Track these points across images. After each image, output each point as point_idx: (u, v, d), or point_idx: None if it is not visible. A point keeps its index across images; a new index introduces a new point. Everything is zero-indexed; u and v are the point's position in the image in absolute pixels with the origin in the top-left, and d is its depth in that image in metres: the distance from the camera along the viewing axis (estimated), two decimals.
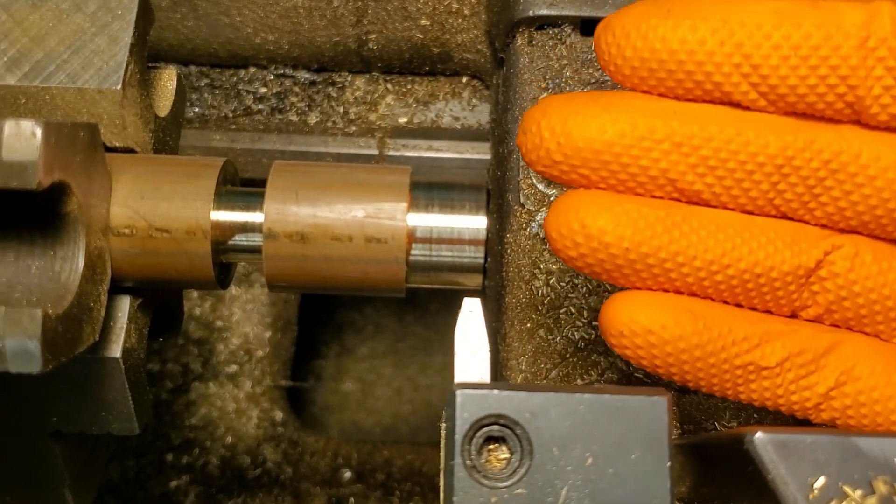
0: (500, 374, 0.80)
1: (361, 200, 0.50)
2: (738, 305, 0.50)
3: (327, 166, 0.53)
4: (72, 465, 0.57)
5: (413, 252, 0.51)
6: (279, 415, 1.00)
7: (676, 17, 0.45)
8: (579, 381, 0.72)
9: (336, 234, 0.50)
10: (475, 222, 0.51)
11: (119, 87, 0.51)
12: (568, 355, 0.74)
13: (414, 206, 0.51)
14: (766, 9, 0.45)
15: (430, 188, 0.52)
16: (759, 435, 0.43)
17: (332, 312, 1.34)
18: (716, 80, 0.46)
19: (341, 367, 1.35)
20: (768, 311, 0.51)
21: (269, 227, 0.50)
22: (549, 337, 0.75)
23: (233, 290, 1.02)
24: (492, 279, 0.89)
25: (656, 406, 0.44)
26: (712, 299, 0.50)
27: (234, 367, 1.00)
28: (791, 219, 0.50)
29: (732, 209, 0.49)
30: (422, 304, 1.38)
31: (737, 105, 0.47)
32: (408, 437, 1.28)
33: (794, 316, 0.51)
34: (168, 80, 0.59)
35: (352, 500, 0.96)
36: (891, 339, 0.51)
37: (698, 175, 0.48)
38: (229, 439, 0.98)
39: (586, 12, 0.80)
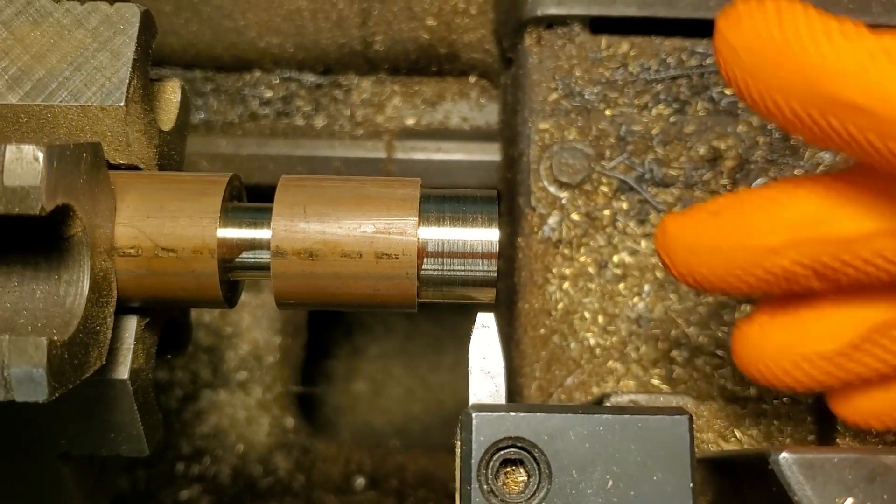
0: (513, 381, 0.79)
1: (371, 215, 0.49)
2: None
3: (336, 180, 0.52)
4: (82, 486, 0.56)
5: (425, 267, 0.50)
6: (290, 421, 1.00)
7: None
8: (595, 389, 0.71)
9: (346, 250, 0.49)
10: (487, 235, 0.50)
11: (122, 103, 0.50)
12: (583, 362, 0.73)
13: (425, 220, 0.50)
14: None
15: (441, 201, 0.51)
16: (784, 455, 0.42)
17: (342, 313, 1.33)
18: None
19: (352, 367, 1.35)
20: None
21: (276, 245, 0.48)
22: (564, 343, 0.74)
23: (242, 296, 1.00)
24: (504, 284, 0.87)
25: (678, 426, 0.43)
26: None
27: (244, 374, 0.99)
28: None
29: None
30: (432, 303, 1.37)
31: None
32: (420, 437, 1.28)
33: None
34: (172, 92, 0.57)
35: None
36: None
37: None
38: (240, 447, 0.97)
39: (595, 11, 0.79)
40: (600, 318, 0.74)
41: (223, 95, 0.93)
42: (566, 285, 0.75)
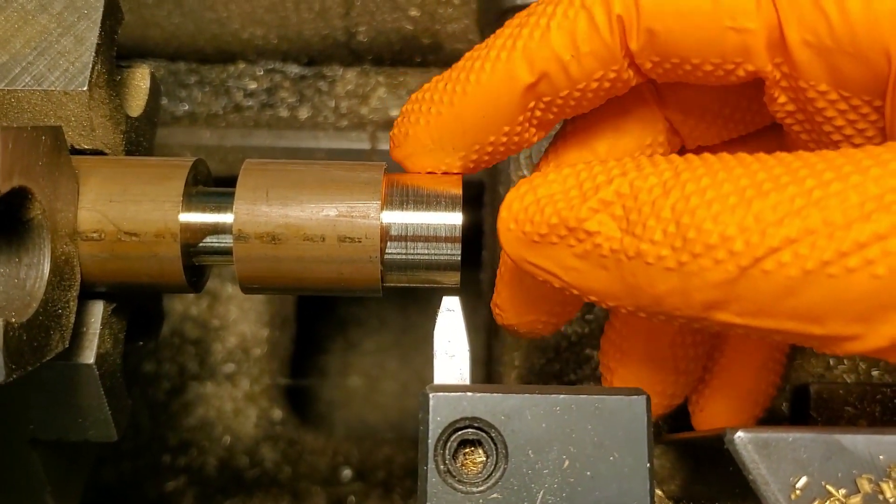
0: (493, 369, 0.79)
1: (334, 199, 0.49)
2: None
3: (301, 164, 0.51)
4: (52, 471, 0.56)
5: (388, 251, 0.50)
6: (278, 413, 1.00)
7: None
8: (572, 377, 0.71)
9: (308, 234, 0.49)
10: (451, 218, 0.50)
11: (85, 88, 0.50)
12: (561, 350, 0.73)
13: (388, 203, 0.50)
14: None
15: (405, 184, 0.51)
16: (739, 434, 0.42)
17: (335, 307, 1.33)
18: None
19: (346, 362, 1.34)
20: None
21: (239, 229, 0.48)
22: None
23: (229, 288, 1.01)
24: (487, 272, 0.87)
25: (635, 406, 0.42)
26: None
27: (231, 367, 0.99)
28: None
29: None
30: (425, 296, 1.37)
31: None
32: (414, 432, 1.27)
33: None
34: (141, 79, 0.58)
35: (352, 498, 0.96)
36: None
37: None
38: (227, 439, 0.97)
39: None
40: None
41: (207, 87, 0.93)
42: None
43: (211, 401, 0.98)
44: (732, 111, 0.52)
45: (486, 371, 0.82)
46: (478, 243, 0.89)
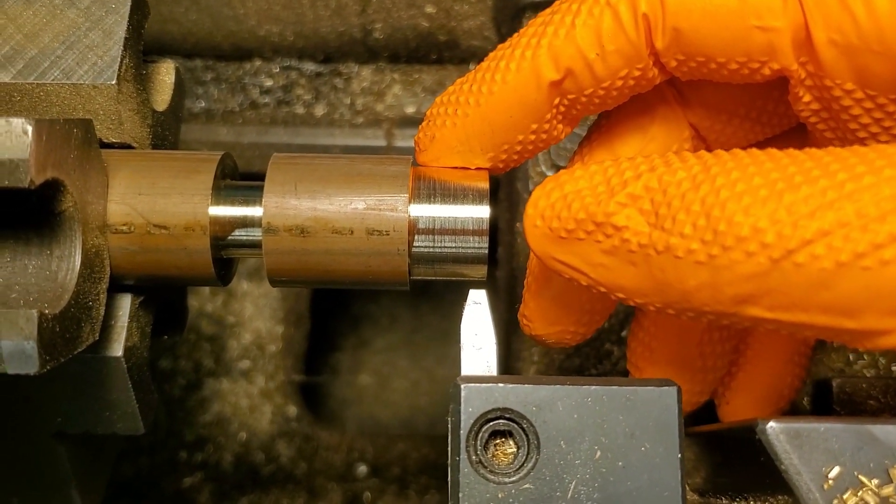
0: (512, 365, 0.79)
1: (362, 192, 0.49)
2: None
3: (328, 158, 0.52)
4: (78, 465, 0.57)
5: (416, 244, 0.50)
6: (293, 410, 1.00)
7: None
8: (593, 372, 0.71)
9: (337, 227, 0.49)
10: (478, 212, 0.50)
11: (114, 81, 0.50)
12: (581, 345, 0.73)
13: (416, 196, 0.50)
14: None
15: (432, 178, 0.51)
16: (771, 424, 0.42)
17: (347, 305, 1.33)
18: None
19: (358, 359, 1.34)
20: None
21: (268, 222, 0.49)
22: None
23: (244, 285, 1.01)
24: (503, 269, 0.88)
25: (666, 397, 0.43)
26: None
27: (246, 363, 1.00)
28: None
29: None
30: (437, 294, 1.37)
31: None
32: (425, 430, 1.27)
33: None
34: (166, 73, 0.58)
35: (367, 494, 0.96)
36: None
37: None
38: (243, 435, 0.97)
39: None
40: None
41: (224, 84, 0.93)
42: None
43: (227, 397, 0.98)
44: (758, 114, 0.52)
45: (505, 367, 0.82)
46: (493, 240, 0.90)
